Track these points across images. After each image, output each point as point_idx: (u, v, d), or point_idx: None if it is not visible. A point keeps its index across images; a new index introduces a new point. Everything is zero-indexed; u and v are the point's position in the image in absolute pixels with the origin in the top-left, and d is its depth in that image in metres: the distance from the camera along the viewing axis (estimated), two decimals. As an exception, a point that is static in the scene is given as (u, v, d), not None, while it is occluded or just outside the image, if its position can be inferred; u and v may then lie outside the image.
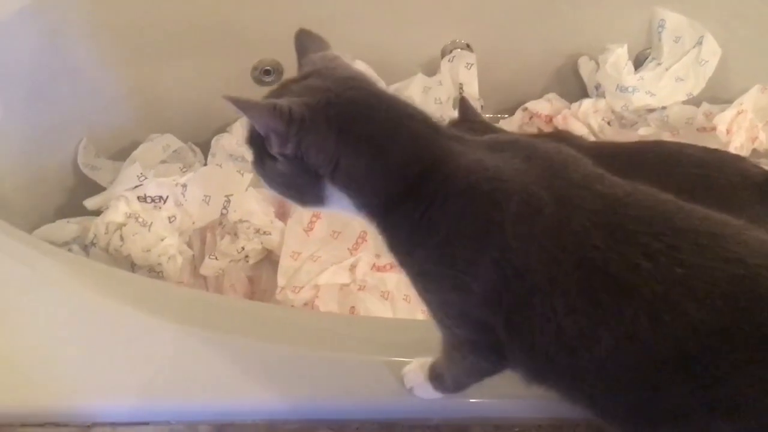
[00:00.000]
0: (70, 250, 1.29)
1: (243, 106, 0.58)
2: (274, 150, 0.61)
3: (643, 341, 0.53)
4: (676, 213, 0.56)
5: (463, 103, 1.31)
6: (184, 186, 1.37)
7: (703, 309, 0.51)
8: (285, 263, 1.31)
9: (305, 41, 0.71)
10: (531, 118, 1.68)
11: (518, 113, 1.70)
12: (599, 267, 0.54)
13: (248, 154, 0.68)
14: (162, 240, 1.31)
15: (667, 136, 1.57)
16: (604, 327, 0.54)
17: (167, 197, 1.35)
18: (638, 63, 1.69)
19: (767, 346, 0.50)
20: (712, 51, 1.60)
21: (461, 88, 1.65)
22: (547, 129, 1.65)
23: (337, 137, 0.59)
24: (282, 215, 1.40)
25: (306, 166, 0.61)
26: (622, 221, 0.55)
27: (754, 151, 1.54)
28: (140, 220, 1.31)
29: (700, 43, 1.60)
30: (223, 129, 1.66)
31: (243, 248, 1.33)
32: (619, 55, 1.63)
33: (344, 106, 0.60)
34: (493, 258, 0.57)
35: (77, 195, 1.42)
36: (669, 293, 0.52)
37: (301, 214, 1.35)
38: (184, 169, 1.48)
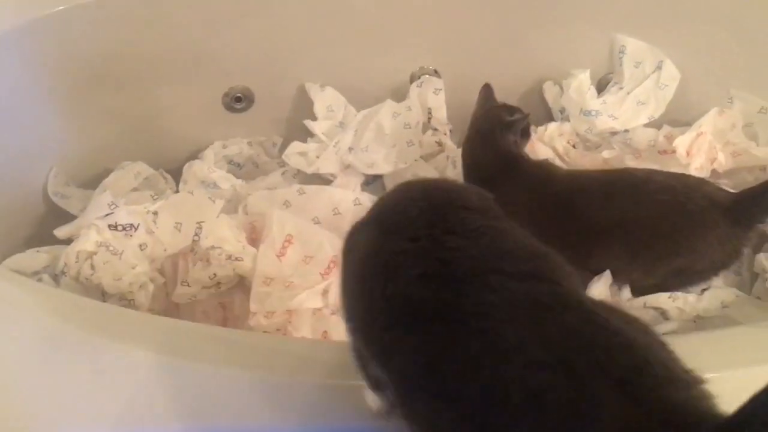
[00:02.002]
0: (40, 279, 1.28)
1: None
2: None
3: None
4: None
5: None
6: (156, 213, 1.37)
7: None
8: (257, 289, 1.31)
9: None
10: (499, 141, 1.70)
11: (486, 137, 1.73)
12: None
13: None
14: (133, 268, 1.30)
15: (630, 159, 1.61)
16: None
17: (138, 225, 1.35)
18: (601, 87, 1.74)
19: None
20: (671, 75, 1.65)
21: (430, 113, 1.68)
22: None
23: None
24: (254, 241, 1.40)
25: None
26: None
27: (714, 171, 1.58)
28: (111, 248, 1.30)
29: (659, 67, 1.65)
30: (194, 156, 1.67)
31: (215, 275, 1.32)
32: (582, 80, 1.67)
33: None
34: None
35: (47, 224, 1.40)
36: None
37: (273, 239, 1.36)
38: (156, 197, 1.48)
